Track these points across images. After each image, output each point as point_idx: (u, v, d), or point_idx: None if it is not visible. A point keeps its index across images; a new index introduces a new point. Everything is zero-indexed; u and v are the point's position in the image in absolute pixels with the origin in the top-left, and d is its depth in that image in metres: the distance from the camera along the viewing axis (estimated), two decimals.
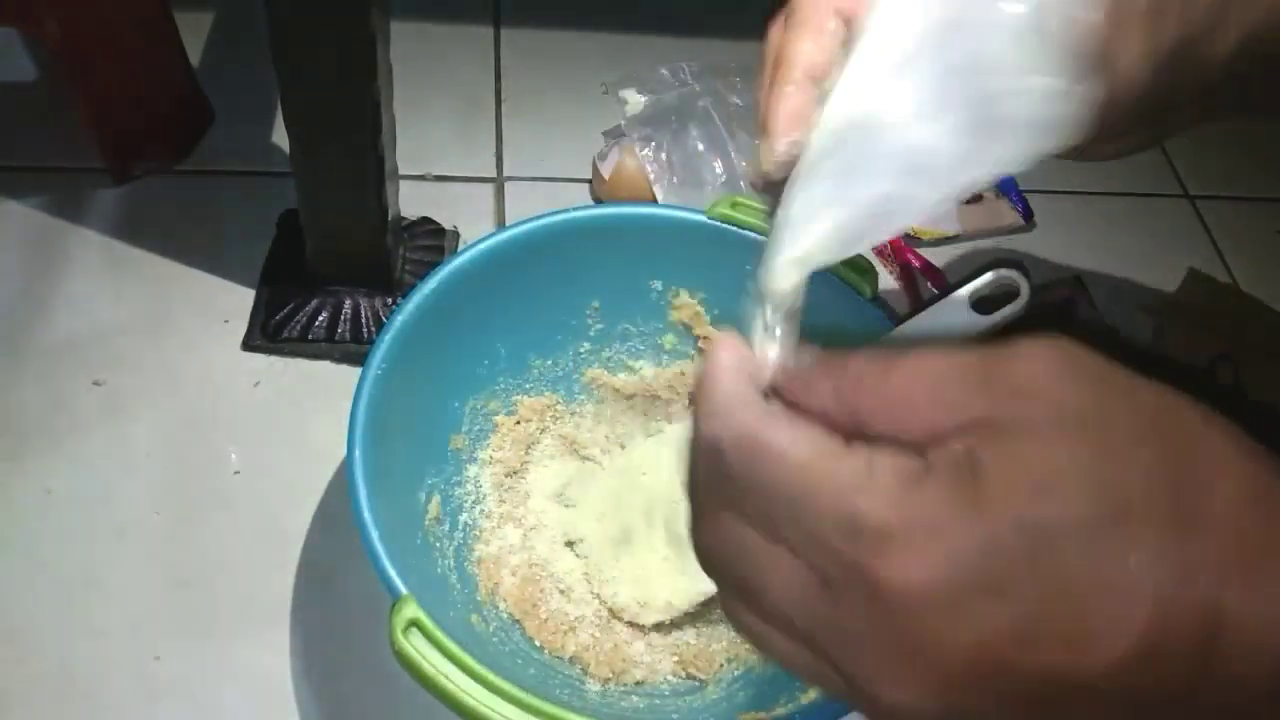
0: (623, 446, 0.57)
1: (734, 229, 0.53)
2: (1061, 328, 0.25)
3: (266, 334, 0.61)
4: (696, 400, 0.26)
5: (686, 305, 0.56)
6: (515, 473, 0.55)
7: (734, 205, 0.53)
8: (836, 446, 0.23)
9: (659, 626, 0.51)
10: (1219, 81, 0.33)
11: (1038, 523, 0.21)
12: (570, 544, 0.53)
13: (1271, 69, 0.33)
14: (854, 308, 0.51)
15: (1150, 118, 0.33)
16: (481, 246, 0.51)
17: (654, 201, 0.67)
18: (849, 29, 0.31)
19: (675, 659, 0.50)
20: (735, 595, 0.25)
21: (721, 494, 0.25)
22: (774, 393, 0.26)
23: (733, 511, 0.24)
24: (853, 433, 0.24)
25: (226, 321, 0.62)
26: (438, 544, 0.50)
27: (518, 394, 0.56)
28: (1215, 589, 0.21)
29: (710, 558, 0.26)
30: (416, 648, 0.38)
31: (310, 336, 0.61)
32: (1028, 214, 0.75)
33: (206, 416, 0.58)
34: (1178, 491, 0.22)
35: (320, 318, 0.62)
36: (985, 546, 0.21)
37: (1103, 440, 0.22)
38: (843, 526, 0.22)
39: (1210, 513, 0.22)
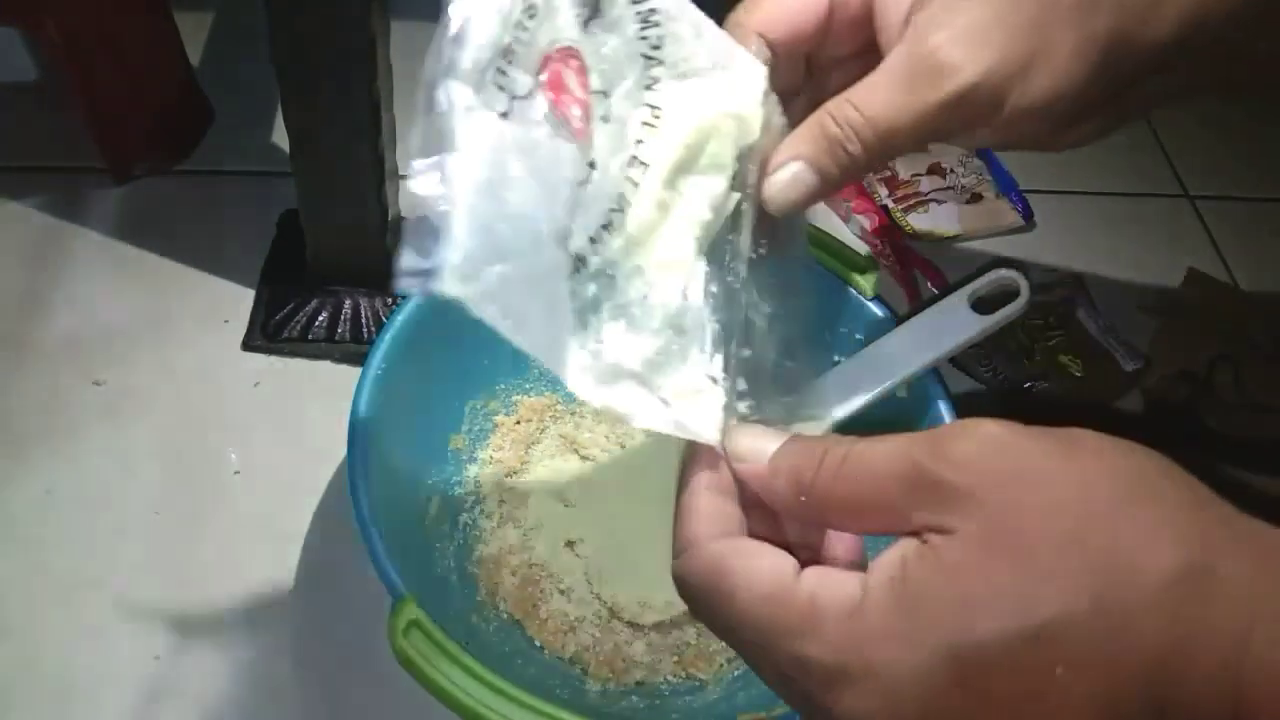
0: (623, 446, 0.57)
1: None
2: (1062, 327, 0.27)
3: (266, 334, 0.61)
4: (676, 520, 0.29)
5: None
6: (515, 473, 0.55)
7: None
8: (787, 582, 0.25)
9: (659, 626, 0.51)
10: (1163, 63, 0.33)
11: (963, 646, 0.22)
12: (570, 544, 0.53)
13: (1219, 48, 0.33)
14: (854, 308, 0.51)
15: (1101, 105, 0.33)
16: None
17: None
18: None
19: (675, 659, 0.50)
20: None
21: (698, 616, 0.28)
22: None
23: (716, 631, 0.28)
24: (817, 527, 0.29)
25: (226, 321, 0.62)
26: (438, 544, 0.50)
27: (518, 394, 0.56)
28: (1148, 686, 0.22)
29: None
30: (416, 648, 0.38)
31: (310, 336, 0.61)
32: (1028, 214, 0.75)
33: (206, 416, 0.58)
34: (1100, 594, 0.22)
35: (320, 318, 0.62)
36: (917, 677, 0.23)
37: (1024, 551, 0.23)
38: (795, 667, 0.25)
39: (1133, 608, 0.22)
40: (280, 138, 0.67)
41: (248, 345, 0.61)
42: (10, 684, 0.48)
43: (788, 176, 0.32)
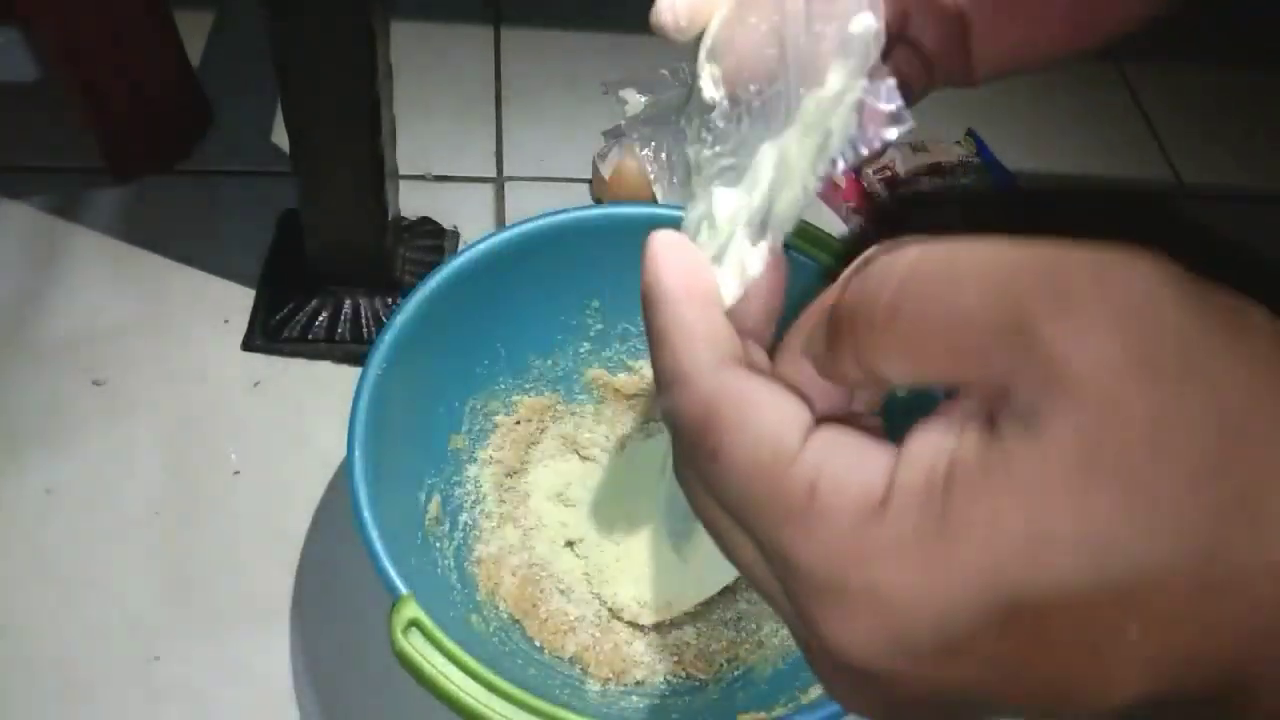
0: (623, 447, 0.57)
1: None
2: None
3: (266, 334, 0.61)
4: (660, 343, 0.23)
5: None
6: (515, 473, 0.55)
7: None
8: (788, 452, 0.19)
9: (659, 626, 0.51)
10: None
11: (1022, 586, 0.17)
12: (570, 544, 0.53)
13: None
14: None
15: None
16: (481, 246, 0.51)
17: (654, 201, 0.67)
18: None
19: (675, 659, 0.50)
20: (705, 525, 0.23)
21: (686, 463, 0.22)
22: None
23: (700, 482, 0.22)
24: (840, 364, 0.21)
25: (226, 321, 0.62)
26: (438, 544, 0.50)
27: (518, 394, 0.56)
28: (1234, 662, 0.17)
29: (683, 487, 0.23)
30: (416, 648, 0.38)
31: (310, 336, 0.61)
32: None
33: (206, 416, 0.58)
34: (1218, 547, 0.17)
35: (320, 318, 0.62)
36: (942, 611, 0.17)
37: (1141, 484, 0.16)
38: (780, 561, 0.19)
39: (1254, 570, 0.17)
40: (280, 138, 0.67)
41: (248, 345, 0.61)
42: (10, 684, 0.48)
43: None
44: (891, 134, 0.23)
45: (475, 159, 0.74)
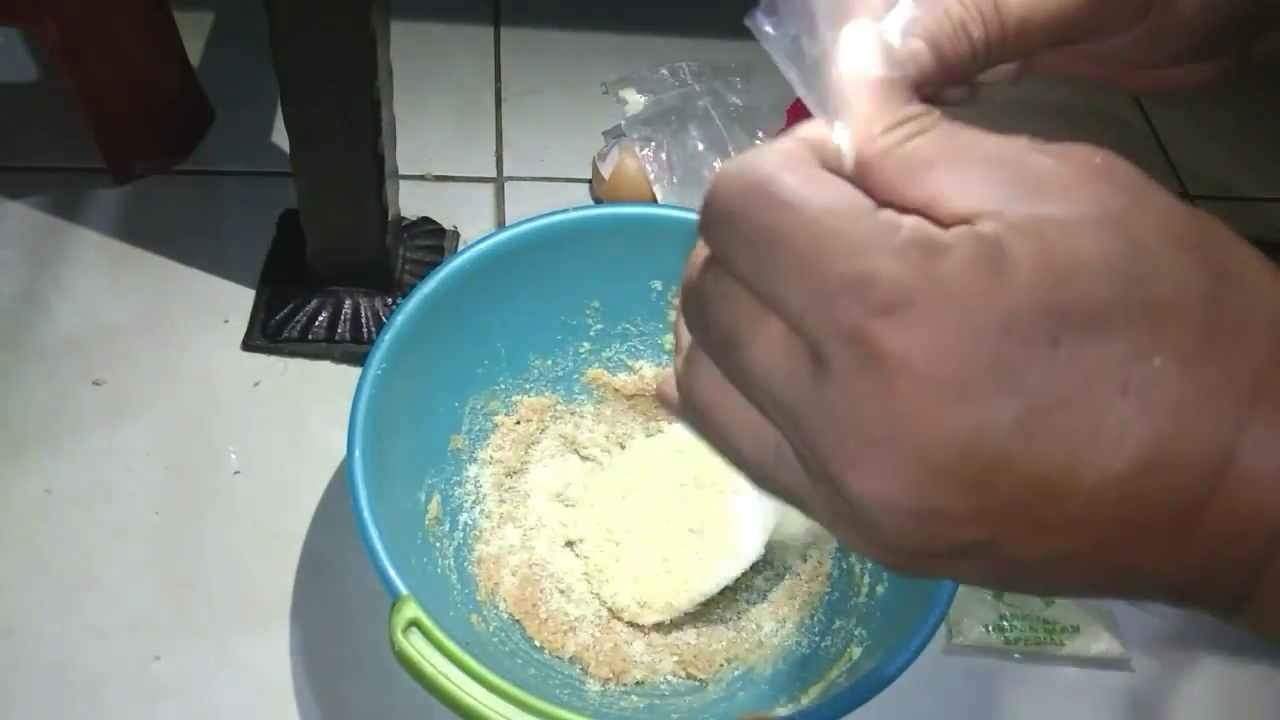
0: (623, 447, 0.57)
1: None
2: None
3: (266, 334, 0.61)
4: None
5: None
6: (515, 473, 0.55)
7: None
8: (862, 202, 0.20)
9: (659, 626, 0.51)
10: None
11: (1064, 307, 0.19)
12: (570, 544, 0.53)
13: None
14: None
15: (1240, 31, 0.32)
16: (481, 246, 0.51)
17: (654, 201, 0.67)
18: None
19: (675, 659, 0.50)
20: (710, 348, 0.23)
21: (719, 246, 0.22)
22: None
23: (726, 268, 0.22)
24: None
25: (226, 321, 0.62)
26: (438, 544, 0.50)
27: (518, 394, 0.56)
28: (1231, 424, 0.20)
29: (690, 305, 0.23)
30: (416, 648, 0.38)
31: (310, 336, 0.61)
32: None
33: (206, 416, 0.58)
34: (1212, 302, 0.20)
35: (320, 318, 0.62)
36: (1005, 326, 0.19)
37: (1136, 238, 0.20)
38: (852, 285, 0.19)
39: (1243, 335, 0.20)
40: (280, 138, 0.67)
41: (248, 345, 0.61)
42: (10, 684, 0.48)
43: (905, 55, 0.28)
44: None
45: (475, 159, 0.74)
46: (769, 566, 0.53)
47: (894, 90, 0.22)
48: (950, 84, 0.29)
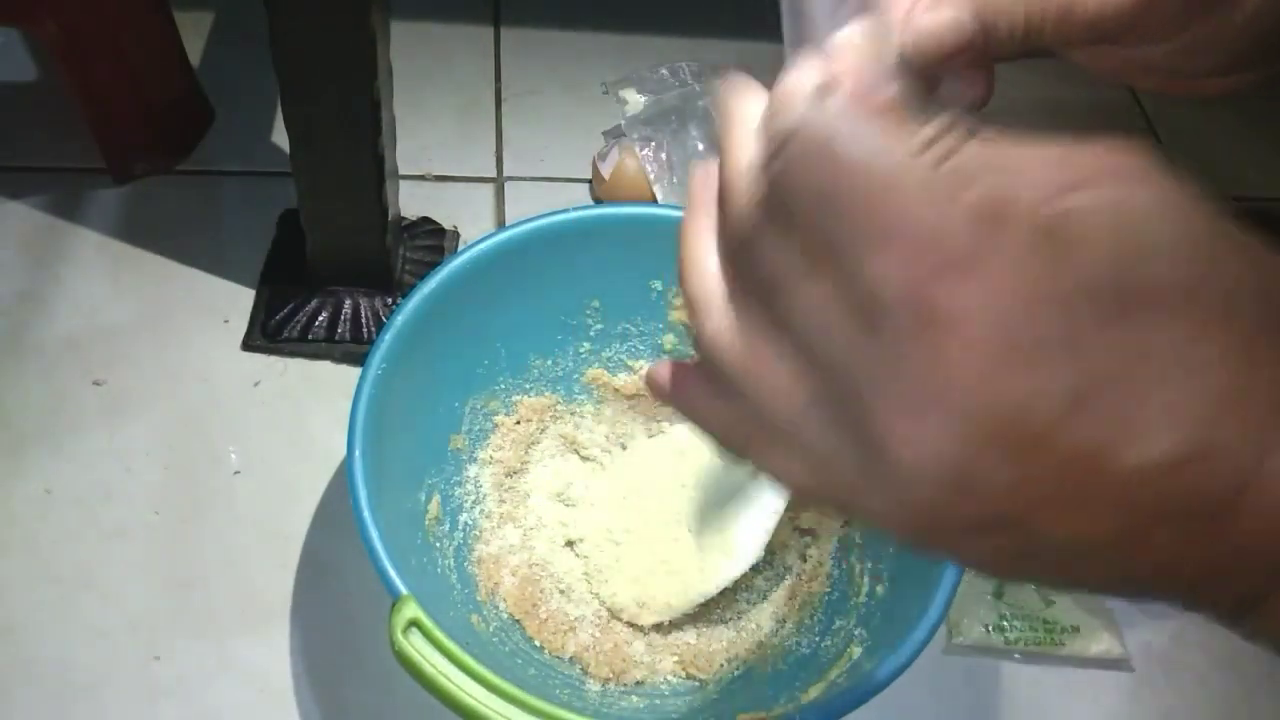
0: (623, 447, 0.57)
1: None
2: None
3: (266, 334, 0.61)
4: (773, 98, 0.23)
5: None
6: (515, 473, 0.55)
7: None
8: (930, 158, 0.20)
9: (659, 626, 0.51)
10: None
11: (1128, 285, 0.19)
12: (570, 544, 0.53)
13: None
14: None
15: (1266, 51, 0.31)
16: (481, 246, 0.51)
17: (654, 201, 0.67)
18: None
19: (675, 659, 0.50)
20: (755, 290, 0.22)
21: (779, 189, 0.21)
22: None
23: (782, 209, 0.21)
24: None
25: (226, 321, 0.62)
26: (438, 544, 0.50)
27: (518, 394, 0.56)
28: (1270, 421, 0.19)
29: (734, 244, 0.23)
30: (416, 648, 0.38)
31: (310, 336, 0.61)
32: None
33: (206, 416, 0.58)
34: (1262, 299, 0.20)
35: (320, 318, 0.62)
36: (1067, 297, 0.19)
37: (1197, 227, 0.20)
38: (914, 241, 0.19)
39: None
40: (280, 138, 0.67)
41: (248, 345, 0.61)
42: (10, 684, 0.48)
43: (947, 18, 0.28)
44: None
45: (475, 159, 0.74)
46: (769, 566, 0.53)
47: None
48: (977, 63, 0.29)
